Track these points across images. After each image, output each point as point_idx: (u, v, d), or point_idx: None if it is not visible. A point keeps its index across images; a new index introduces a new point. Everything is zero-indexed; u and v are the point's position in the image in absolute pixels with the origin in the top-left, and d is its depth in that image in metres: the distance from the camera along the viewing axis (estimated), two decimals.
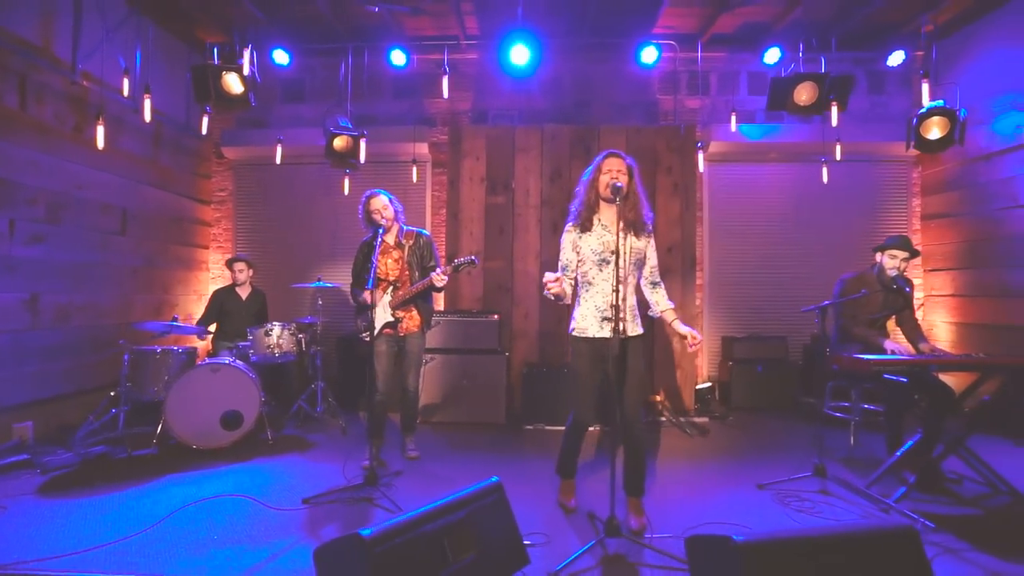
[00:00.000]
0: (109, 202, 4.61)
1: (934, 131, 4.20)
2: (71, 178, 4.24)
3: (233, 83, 4.17)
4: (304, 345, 4.46)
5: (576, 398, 2.73)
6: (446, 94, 4.91)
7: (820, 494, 3.04)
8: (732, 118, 5.07)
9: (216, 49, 4.31)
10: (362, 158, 4.79)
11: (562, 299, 2.60)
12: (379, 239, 3.35)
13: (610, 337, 2.51)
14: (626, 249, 2.57)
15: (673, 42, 5.30)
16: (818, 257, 5.63)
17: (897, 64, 4.98)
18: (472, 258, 3.40)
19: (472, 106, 5.80)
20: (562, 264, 2.72)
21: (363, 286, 3.53)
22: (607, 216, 2.67)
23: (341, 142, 4.69)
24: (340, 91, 5.36)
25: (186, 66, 4.75)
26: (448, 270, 3.39)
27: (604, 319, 2.62)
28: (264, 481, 3.24)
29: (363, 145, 4.75)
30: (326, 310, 5.06)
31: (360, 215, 3.59)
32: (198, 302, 5.70)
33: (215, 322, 4.86)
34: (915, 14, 4.81)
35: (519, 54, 4.53)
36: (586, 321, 2.66)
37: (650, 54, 4.94)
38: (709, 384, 5.40)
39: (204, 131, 4.76)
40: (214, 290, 5.06)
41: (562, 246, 2.74)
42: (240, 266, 4.90)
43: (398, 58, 4.99)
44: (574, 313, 2.72)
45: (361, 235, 3.74)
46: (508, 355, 4.80)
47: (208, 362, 3.80)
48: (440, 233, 5.60)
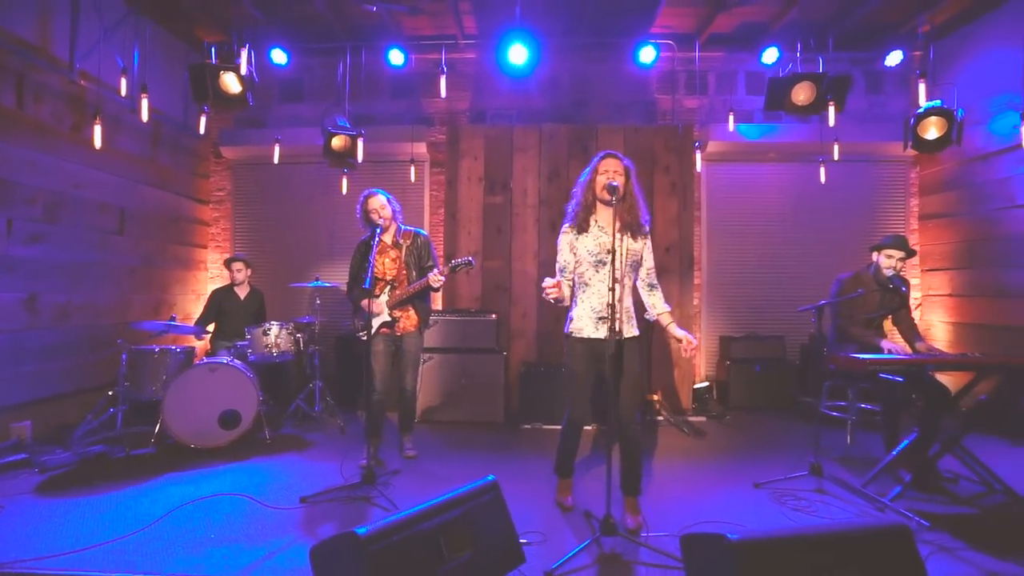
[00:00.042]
0: (107, 201, 4.61)
1: (931, 131, 4.21)
2: (69, 177, 4.24)
3: (231, 83, 4.18)
4: (302, 344, 4.47)
5: (571, 397, 2.75)
6: (444, 94, 4.91)
7: (816, 493, 3.05)
8: (730, 118, 5.08)
9: (214, 48, 4.31)
10: (360, 158, 4.79)
11: (562, 302, 2.61)
12: (377, 238, 3.35)
13: (605, 338, 2.52)
14: (622, 250, 2.58)
15: (671, 42, 5.31)
16: (816, 257, 5.64)
17: (895, 64, 4.99)
18: (469, 259, 3.41)
19: (470, 106, 5.81)
20: (560, 265, 2.73)
21: (360, 285, 3.53)
22: (604, 217, 2.68)
23: (339, 142, 4.69)
24: (338, 91, 5.36)
25: (184, 65, 4.75)
26: (445, 271, 3.40)
27: (600, 320, 2.62)
28: (262, 480, 3.25)
29: (361, 145, 4.76)
30: (324, 309, 5.07)
31: (358, 214, 3.60)
32: (196, 302, 5.71)
33: (213, 322, 4.86)
34: (912, 14, 4.82)
35: (517, 54, 4.54)
36: (582, 322, 2.66)
37: (648, 54, 4.95)
38: (707, 383, 5.41)
39: (202, 131, 4.76)
40: (212, 290, 5.07)
41: (559, 247, 2.74)
42: (238, 266, 4.91)
43: (396, 58, 5.00)
44: (570, 313, 2.73)
45: (359, 234, 3.74)
46: (506, 354, 4.80)
47: (206, 361, 3.81)
48: (438, 232, 5.60)
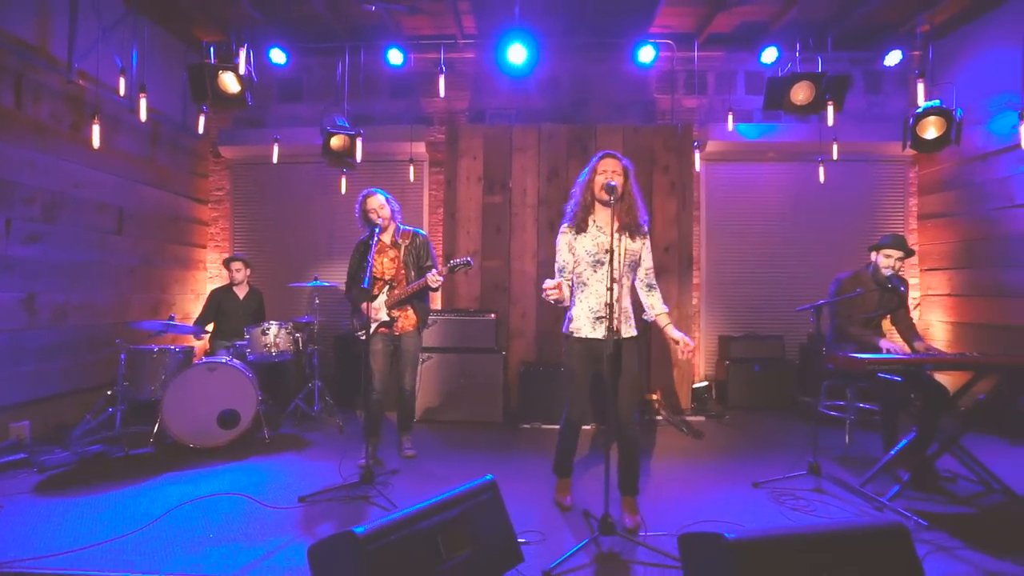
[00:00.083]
0: (106, 201, 4.61)
1: (930, 131, 4.21)
2: (68, 177, 4.24)
3: (230, 82, 4.17)
4: (301, 344, 4.47)
5: (569, 397, 2.75)
6: (443, 93, 4.92)
7: (815, 492, 3.05)
8: (729, 117, 5.08)
9: (213, 48, 4.31)
10: (359, 157, 4.79)
11: (563, 303, 2.61)
12: (375, 238, 3.35)
13: (603, 337, 2.52)
14: (620, 250, 2.58)
15: (670, 41, 5.31)
16: (815, 256, 5.64)
17: (894, 64, 4.99)
18: (467, 260, 3.41)
19: (469, 105, 5.81)
20: (559, 266, 2.73)
21: (359, 285, 3.53)
22: (602, 217, 2.68)
23: (338, 141, 4.69)
24: (337, 90, 5.36)
25: (183, 65, 4.75)
26: (444, 271, 3.40)
27: (597, 319, 2.63)
28: (260, 479, 3.25)
29: (360, 144, 4.76)
30: (323, 309, 5.07)
31: (357, 214, 3.60)
32: (195, 301, 5.71)
33: (212, 321, 4.86)
34: (912, 14, 4.82)
35: (516, 53, 4.54)
36: (580, 321, 2.66)
37: (647, 53, 4.95)
38: (706, 383, 5.41)
39: (201, 130, 4.77)
40: (211, 289, 5.07)
41: (558, 247, 2.74)
42: (237, 265, 4.91)
43: (395, 57, 5.00)
44: (569, 313, 2.73)
45: (358, 234, 3.74)
46: (505, 354, 4.80)
47: (205, 361, 3.81)
48: (437, 232, 5.60)
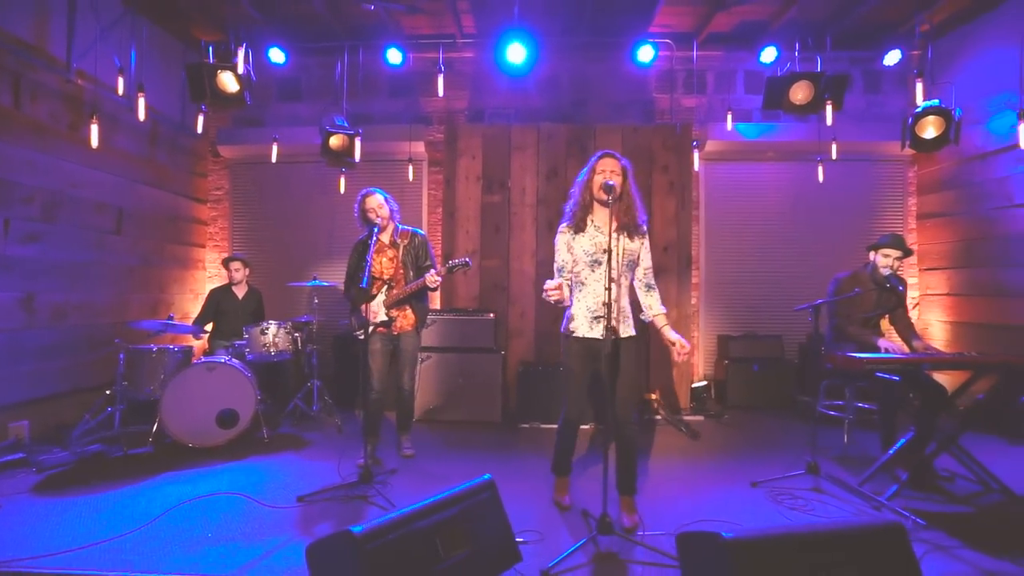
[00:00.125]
0: (105, 201, 4.61)
1: (929, 130, 4.20)
2: (66, 177, 4.23)
3: (228, 82, 4.17)
4: (300, 344, 4.47)
5: (568, 396, 2.75)
6: (442, 93, 4.91)
7: (813, 492, 3.05)
8: (728, 117, 5.08)
9: (211, 48, 4.31)
10: (358, 157, 4.79)
11: (563, 303, 2.61)
12: (374, 238, 3.35)
13: (601, 337, 2.52)
14: (618, 250, 2.58)
15: (670, 41, 5.31)
16: (814, 256, 5.64)
17: (893, 63, 4.98)
18: (466, 260, 3.41)
19: (468, 105, 5.80)
20: (558, 265, 2.73)
21: (358, 284, 3.53)
22: (601, 217, 2.68)
23: (337, 141, 4.69)
24: (336, 90, 5.36)
25: (182, 64, 4.74)
26: (443, 271, 3.40)
27: (595, 319, 2.63)
28: (259, 479, 3.25)
29: (359, 144, 4.75)
30: (322, 309, 5.07)
31: (356, 214, 3.60)
32: (194, 301, 5.70)
33: (211, 321, 4.86)
34: (911, 14, 4.81)
35: (515, 53, 4.53)
36: (578, 321, 2.66)
37: (647, 53, 4.94)
38: (705, 383, 5.41)
39: (200, 130, 4.76)
40: (210, 289, 5.07)
41: (556, 247, 2.74)
42: (236, 265, 4.91)
43: (394, 57, 4.99)
44: (567, 313, 2.73)
45: (357, 234, 3.74)
46: (504, 354, 4.80)
47: (204, 361, 3.81)
48: (436, 232, 5.60)
